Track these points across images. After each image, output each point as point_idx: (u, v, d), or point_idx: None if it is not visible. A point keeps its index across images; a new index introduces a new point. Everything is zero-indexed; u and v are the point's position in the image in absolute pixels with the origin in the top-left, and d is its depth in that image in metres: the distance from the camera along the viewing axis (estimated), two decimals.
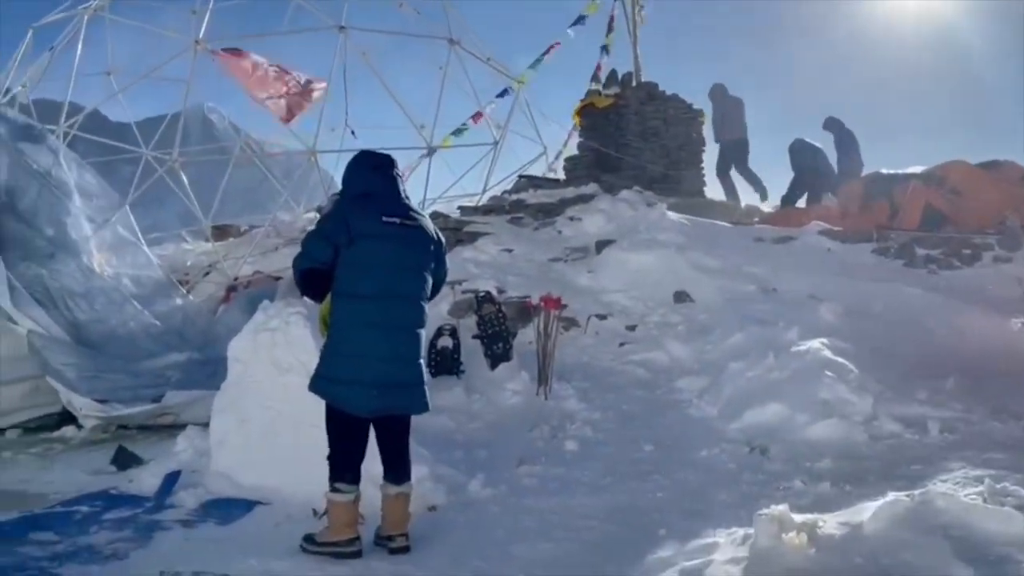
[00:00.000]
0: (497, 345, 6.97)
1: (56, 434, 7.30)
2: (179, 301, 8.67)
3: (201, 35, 10.79)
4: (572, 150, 15.33)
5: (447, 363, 6.79)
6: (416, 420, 4.30)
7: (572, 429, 6.00)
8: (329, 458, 3.99)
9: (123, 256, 8.43)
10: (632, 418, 6.24)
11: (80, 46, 11.82)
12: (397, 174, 4.08)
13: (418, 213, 4.08)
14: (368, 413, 3.91)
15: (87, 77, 13.87)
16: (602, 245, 9.94)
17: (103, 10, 11.74)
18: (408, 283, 3.93)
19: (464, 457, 5.55)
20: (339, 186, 4.26)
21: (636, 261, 9.11)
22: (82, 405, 7.24)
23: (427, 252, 4.04)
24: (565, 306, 7.97)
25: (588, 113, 14.78)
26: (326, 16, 11.99)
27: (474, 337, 7.11)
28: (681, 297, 8.51)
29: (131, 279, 8.31)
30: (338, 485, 3.93)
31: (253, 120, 16.19)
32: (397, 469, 4.12)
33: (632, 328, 8.13)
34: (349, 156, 4.34)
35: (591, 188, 13.18)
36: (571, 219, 11.76)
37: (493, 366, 6.95)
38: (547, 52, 15.81)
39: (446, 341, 6.81)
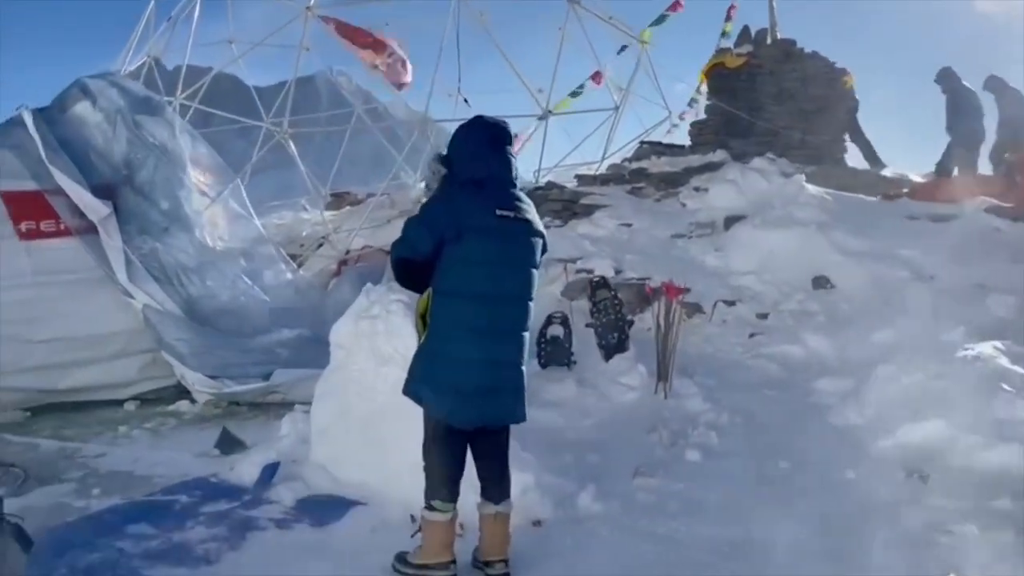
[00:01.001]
0: (612, 335, 6.42)
1: (171, 408, 7.41)
2: (290, 276, 8.58)
3: (312, 2, 10.58)
4: (699, 114, 14.39)
5: (558, 353, 6.31)
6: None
7: (694, 435, 5.39)
8: (425, 471, 3.61)
9: (235, 230, 8.38)
10: (764, 424, 5.57)
11: (197, 15, 11.88)
12: (511, 152, 3.57)
13: (526, 202, 3.58)
14: (468, 424, 3.52)
15: (210, 46, 14.12)
16: (731, 221, 9.14)
17: None
18: (517, 282, 3.48)
19: (574, 462, 5.07)
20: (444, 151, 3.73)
21: (770, 240, 8.28)
22: (194, 380, 7.29)
23: (536, 248, 3.56)
24: (688, 290, 7.32)
25: (717, 74, 13.78)
26: None
27: (587, 325, 6.59)
28: (821, 283, 7.65)
29: (242, 253, 8.26)
30: (434, 503, 3.56)
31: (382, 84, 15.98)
32: (497, 486, 3.70)
33: (764, 316, 7.38)
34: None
35: (719, 155, 12.31)
36: (696, 190, 10.98)
37: (607, 357, 6.41)
38: (671, 8, 14.84)
39: (557, 329, 6.33)
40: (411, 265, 3.46)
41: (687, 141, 13.92)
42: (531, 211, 3.56)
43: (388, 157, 13.31)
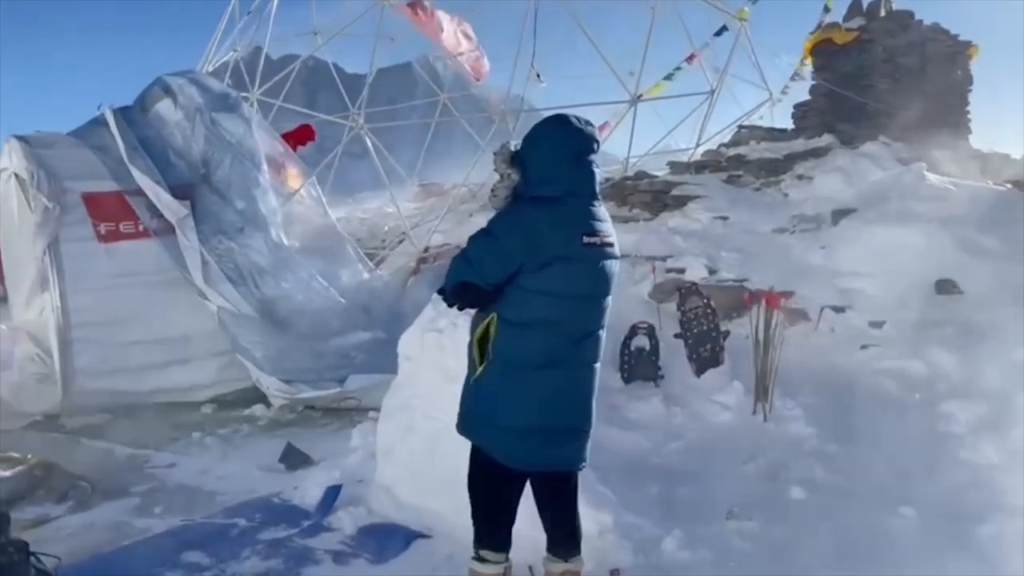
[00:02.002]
0: (704, 347, 5.83)
1: (247, 412, 7.28)
2: (366, 275, 8.34)
3: None
4: (800, 94, 13.39)
5: (643, 367, 5.78)
6: (605, 439, 3.42)
7: (798, 467, 4.78)
8: (473, 518, 3.20)
9: (311, 228, 8.18)
10: (879, 456, 4.89)
11: (275, 7, 11.75)
12: (596, 161, 3.07)
13: (607, 220, 3.09)
14: (526, 467, 3.09)
15: (296, 38, 14.08)
16: (840, 214, 8.32)
17: None
18: (595, 315, 3.05)
19: (659, 496, 4.56)
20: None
21: (885, 237, 7.45)
22: (269, 385, 7.16)
23: (616, 276, 3.10)
24: (791, 295, 6.65)
25: (823, 50, 12.75)
26: None
27: (677, 336, 6.02)
28: (946, 287, 6.80)
29: (318, 253, 8.05)
30: (483, 553, 3.16)
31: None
32: (566, 541, 3.25)
33: (878, 325, 6.61)
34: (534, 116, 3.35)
35: (825, 140, 11.39)
36: (800, 178, 10.16)
37: (699, 372, 5.85)
38: None
39: (642, 341, 5.79)
40: (474, 293, 2.99)
41: (789, 124, 12.98)
42: (612, 230, 3.07)
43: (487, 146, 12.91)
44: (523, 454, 3.02)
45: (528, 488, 3.19)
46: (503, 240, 2.90)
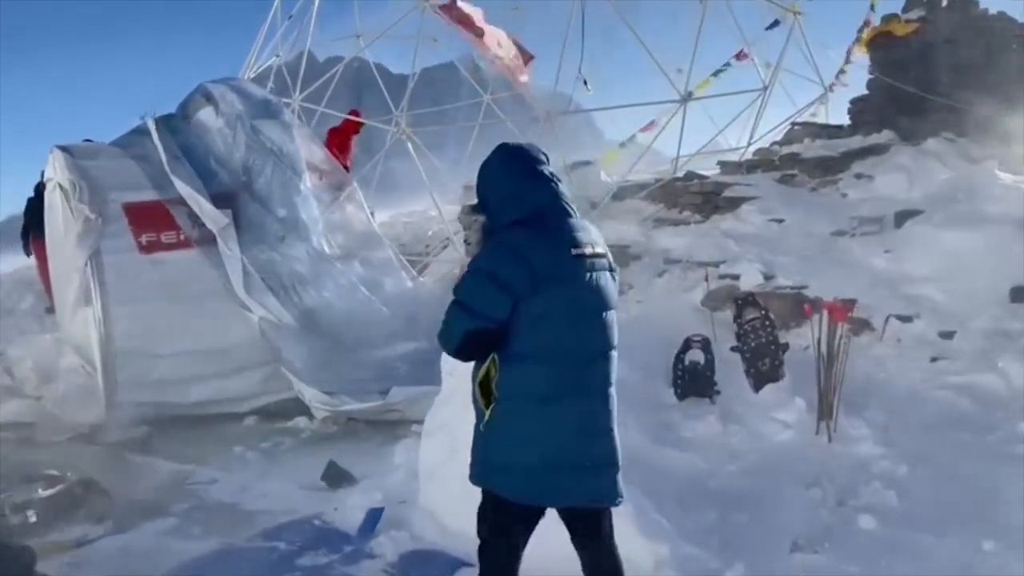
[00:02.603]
0: (763, 361, 5.52)
1: (289, 424, 7.17)
2: (410, 283, 8.16)
3: None
4: (857, 88, 12.86)
5: (698, 382, 5.48)
6: (659, 459, 3.15)
7: (867, 493, 4.45)
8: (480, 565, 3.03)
9: (353, 236, 8.04)
10: (955, 480, 4.54)
11: (315, 12, 11.67)
12: (555, 174, 2.87)
13: (594, 230, 2.89)
14: (540, 503, 2.86)
15: (340, 41, 14.02)
16: (903, 216, 7.88)
17: None
18: (598, 334, 2.80)
19: (717, 523, 4.28)
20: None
21: (954, 241, 7.01)
22: (312, 397, 7.03)
23: (615, 287, 2.89)
24: (854, 302, 6.29)
25: (880, 43, 12.21)
26: None
27: (733, 349, 5.71)
28: (1021, 295, 6.36)
29: (361, 261, 7.90)
30: None
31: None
32: None
33: (948, 336, 6.20)
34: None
35: (884, 136, 10.87)
36: (859, 177, 9.70)
37: (757, 387, 5.53)
38: None
39: (696, 355, 5.50)
40: (486, 335, 2.72)
41: (845, 120, 12.46)
42: (600, 239, 2.85)
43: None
44: (535, 491, 2.79)
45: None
46: (497, 270, 2.68)
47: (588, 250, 2.74)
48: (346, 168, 11.05)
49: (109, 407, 6.99)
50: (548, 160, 2.90)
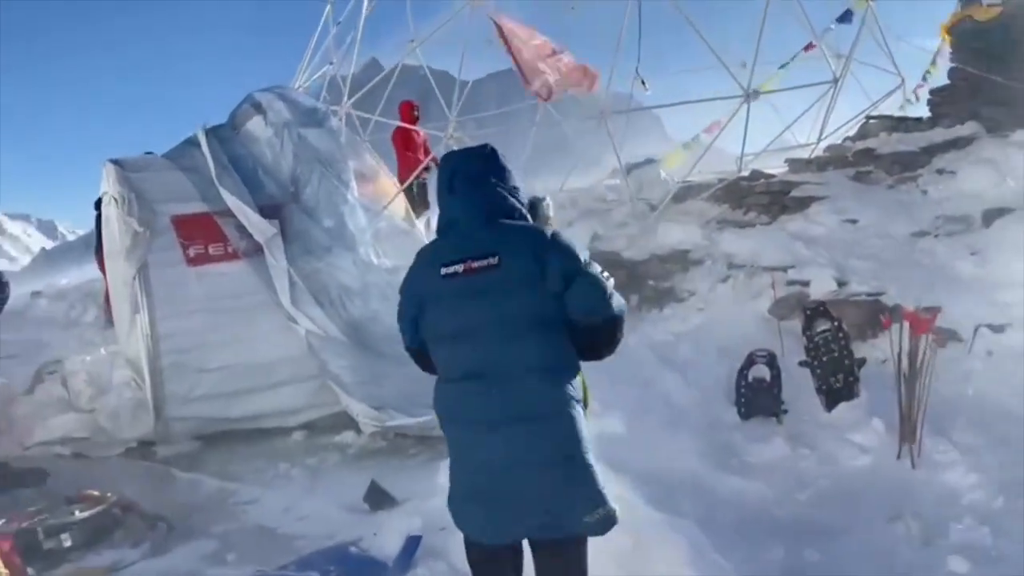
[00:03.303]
0: (835, 377, 5.05)
1: (337, 439, 6.99)
2: None
3: None
4: (940, 79, 12.07)
5: (763, 400, 5.07)
6: (719, 486, 2.79)
7: (957, 530, 3.98)
8: None
9: (401, 245, 7.80)
10: None
11: (363, 20, 11.53)
12: (490, 177, 2.70)
13: (506, 238, 2.59)
14: (476, 537, 2.76)
15: (391, 49, 13.93)
16: (993, 214, 7.25)
17: None
18: (485, 352, 2.57)
19: (785, 561, 3.88)
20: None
21: None
22: (359, 411, 6.82)
23: (518, 293, 2.54)
24: (939, 310, 5.74)
25: (962, 29, 11.46)
26: None
27: (802, 363, 5.25)
28: None
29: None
30: None
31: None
32: None
33: None
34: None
35: (968, 128, 10.15)
36: (941, 173, 9.03)
37: (829, 406, 5.07)
38: None
39: (761, 371, 5.08)
40: (415, 355, 3.01)
41: (924, 112, 11.71)
42: (500, 248, 2.55)
43: (588, 150, 12.37)
44: (466, 521, 2.74)
45: None
46: (400, 293, 2.94)
47: (462, 268, 2.57)
48: (420, 158, 10.93)
49: (158, 422, 6.95)
50: (485, 162, 2.74)
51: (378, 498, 5.35)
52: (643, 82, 13.01)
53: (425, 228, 10.66)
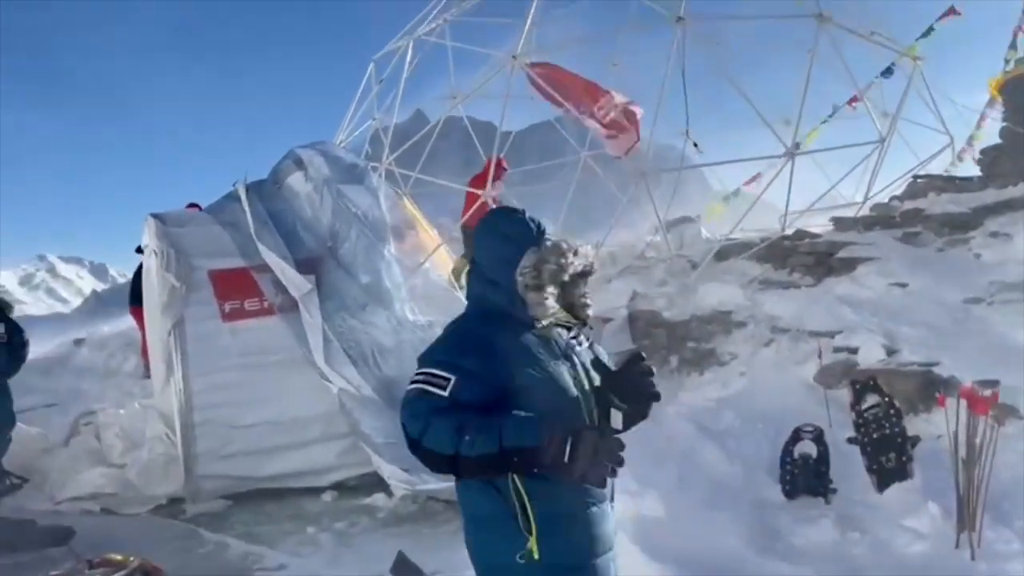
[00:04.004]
0: (887, 456, 4.78)
1: (367, 501, 6.85)
2: None
3: (519, 50, 9.86)
4: (990, 137, 11.79)
5: (810, 478, 4.81)
6: (763, 572, 2.52)
7: None
8: None
9: (435, 303, 7.73)
10: None
11: (405, 74, 11.69)
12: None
13: None
14: None
15: (434, 101, 14.10)
16: None
17: (441, 35, 11.51)
18: None
19: None
20: None
21: None
22: (390, 474, 6.68)
23: None
24: (997, 384, 5.43)
25: (1013, 88, 11.23)
26: (663, 8, 10.34)
27: (850, 440, 4.99)
28: None
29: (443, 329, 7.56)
30: None
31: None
32: None
33: None
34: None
35: (1022, 189, 9.82)
36: (994, 236, 8.72)
37: (881, 487, 4.79)
38: (943, 17, 12.43)
39: (808, 447, 4.83)
40: None
41: (975, 172, 11.43)
42: None
43: (630, 204, 12.24)
44: None
45: None
46: None
47: None
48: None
49: (188, 479, 6.88)
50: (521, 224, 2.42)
51: (405, 571, 5.18)
52: (695, 144, 12.92)
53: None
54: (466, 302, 2.51)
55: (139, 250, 9.05)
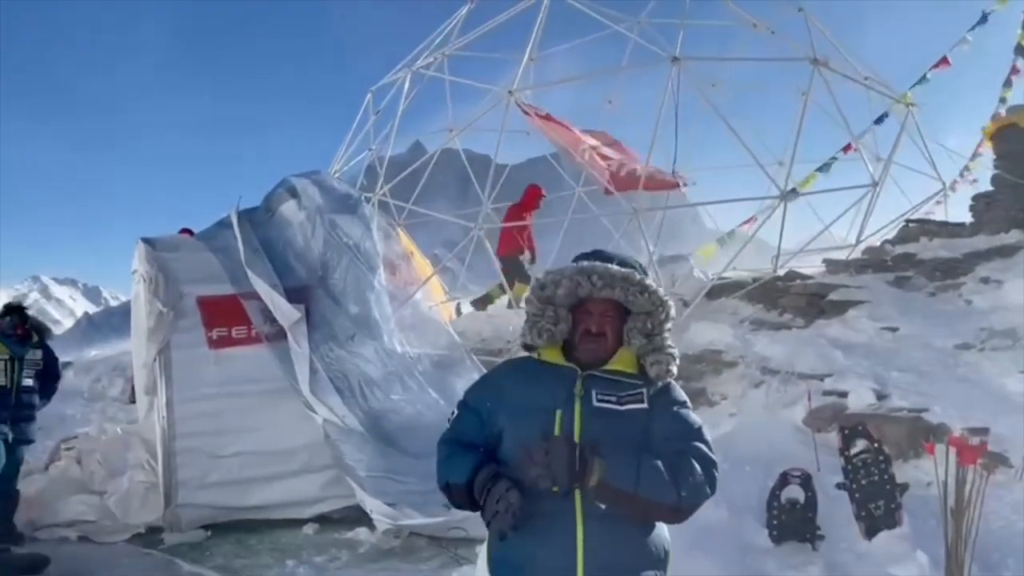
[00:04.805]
0: (876, 504, 4.72)
1: (349, 535, 6.74)
2: None
3: (515, 85, 9.94)
4: (980, 174, 11.90)
5: (797, 524, 4.73)
6: None
7: None
8: None
9: (424, 335, 7.70)
10: None
11: (402, 106, 11.76)
12: None
13: None
14: None
15: (432, 134, 14.17)
16: None
17: (438, 68, 11.61)
18: None
19: None
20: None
21: None
22: (373, 507, 6.59)
23: None
24: (986, 432, 5.40)
25: (1006, 136, 11.34)
26: (659, 49, 10.45)
27: (839, 486, 4.93)
28: None
29: (432, 361, 7.52)
30: None
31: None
32: None
33: None
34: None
35: (1013, 236, 9.96)
36: (985, 282, 8.75)
37: (869, 534, 4.72)
38: (935, 66, 12.63)
39: (795, 492, 4.76)
40: None
41: (967, 218, 11.49)
42: None
43: (624, 241, 12.26)
44: None
45: None
46: None
47: None
48: (525, 244, 11.04)
49: (168, 507, 6.77)
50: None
51: None
52: (684, 183, 12.98)
53: (508, 306, 10.75)
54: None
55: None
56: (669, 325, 2.30)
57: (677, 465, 2.14)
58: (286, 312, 7.17)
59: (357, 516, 6.89)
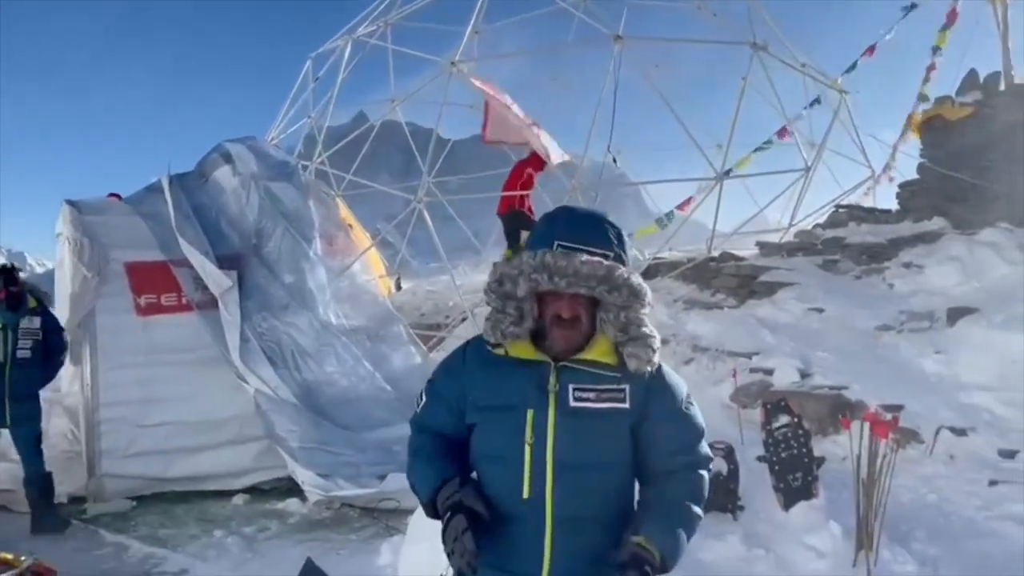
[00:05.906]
0: (794, 475, 4.89)
1: (279, 505, 6.69)
2: (419, 360, 7.66)
3: (458, 56, 9.86)
4: (907, 172, 12.32)
5: (719, 495, 4.87)
6: None
7: None
8: None
9: (362, 307, 7.62)
10: None
11: (342, 74, 11.56)
12: None
13: None
14: None
15: (374, 104, 13.96)
16: (957, 314, 7.22)
17: (381, 37, 11.41)
18: None
19: None
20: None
21: (1016, 345, 6.33)
22: (305, 478, 6.54)
23: None
24: (900, 408, 5.66)
25: (933, 126, 11.73)
26: (604, 27, 10.49)
27: (759, 459, 5.09)
28: None
29: (368, 334, 7.46)
30: None
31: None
32: None
33: (1010, 456, 5.50)
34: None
35: (936, 224, 10.32)
36: (907, 267, 9.07)
37: (787, 505, 4.89)
38: (866, 53, 13.00)
39: (718, 464, 4.89)
40: None
41: (893, 204, 11.89)
42: None
43: None
44: None
45: None
46: None
47: None
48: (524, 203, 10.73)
49: (91, 477, 6.61)
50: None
51: None
52: (614, 159, 13.10)
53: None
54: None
55: None
56: (646, 311, 2.04)
57: (695, 485, 2.11)
58: (217, 279, 7.01)
59: (288, 487, 6.84)
